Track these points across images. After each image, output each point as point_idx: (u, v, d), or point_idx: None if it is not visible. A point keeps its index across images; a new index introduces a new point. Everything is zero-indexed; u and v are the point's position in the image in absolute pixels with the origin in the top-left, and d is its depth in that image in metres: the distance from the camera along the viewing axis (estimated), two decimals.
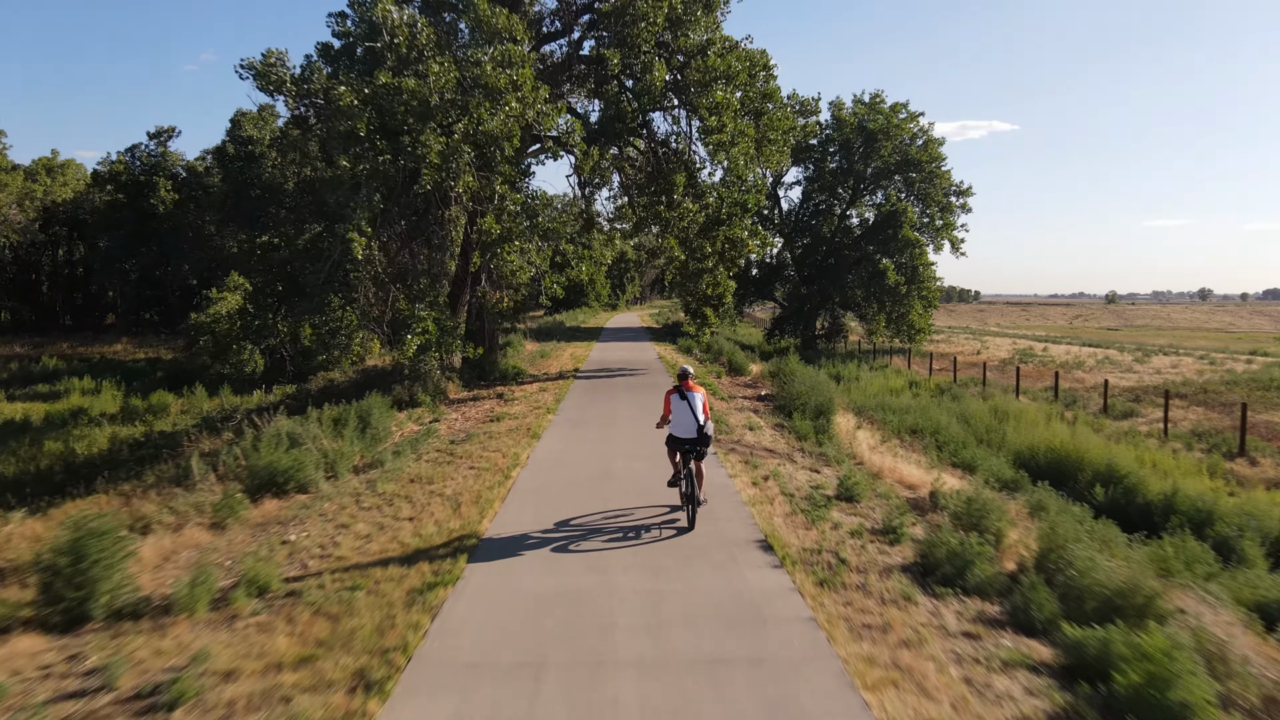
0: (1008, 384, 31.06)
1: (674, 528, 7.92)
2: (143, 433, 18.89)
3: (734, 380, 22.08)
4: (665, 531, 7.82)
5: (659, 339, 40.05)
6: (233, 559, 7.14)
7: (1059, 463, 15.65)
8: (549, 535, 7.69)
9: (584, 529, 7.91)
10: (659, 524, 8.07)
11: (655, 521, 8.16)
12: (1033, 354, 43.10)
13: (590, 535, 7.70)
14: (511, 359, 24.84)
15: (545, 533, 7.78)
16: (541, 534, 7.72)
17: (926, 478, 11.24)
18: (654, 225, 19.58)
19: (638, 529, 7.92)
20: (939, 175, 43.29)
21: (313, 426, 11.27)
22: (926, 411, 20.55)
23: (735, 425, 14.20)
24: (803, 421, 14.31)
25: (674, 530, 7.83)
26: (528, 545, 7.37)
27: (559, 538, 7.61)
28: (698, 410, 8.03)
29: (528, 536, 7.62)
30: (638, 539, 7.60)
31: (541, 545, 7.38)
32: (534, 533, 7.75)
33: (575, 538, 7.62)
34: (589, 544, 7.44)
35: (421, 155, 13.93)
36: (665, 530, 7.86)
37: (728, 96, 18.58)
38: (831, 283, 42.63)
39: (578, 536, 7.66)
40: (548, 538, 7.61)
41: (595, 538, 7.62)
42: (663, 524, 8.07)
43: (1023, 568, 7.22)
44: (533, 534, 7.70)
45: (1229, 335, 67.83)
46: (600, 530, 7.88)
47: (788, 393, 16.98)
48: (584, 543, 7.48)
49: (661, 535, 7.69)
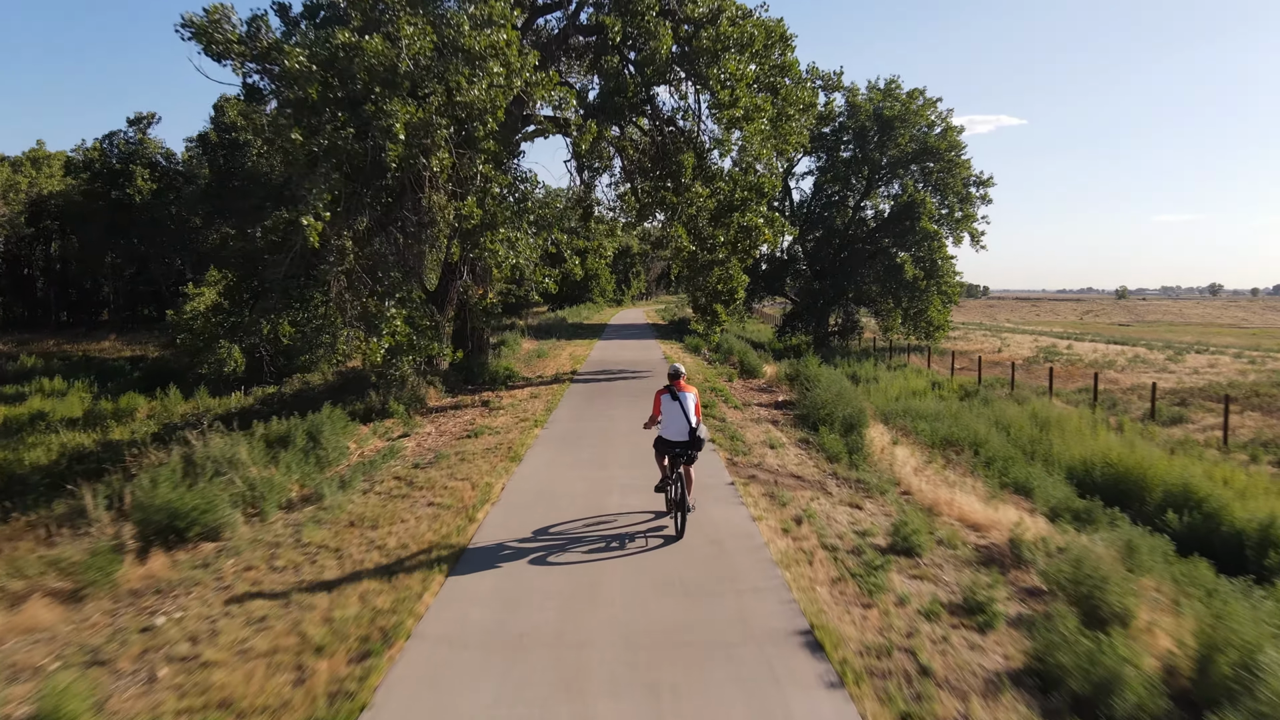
0: (1037, 385, 28.78)
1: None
2: (95, 441, 16.89)
3: (747, 384, 19.88)
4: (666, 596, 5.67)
5: (665, 337, 37.83)
6: (62, 659, 5.02)
7: (1119, 481, 13.39)
8: (515, 625, 5.51)
9: (566, 614, 5.72)
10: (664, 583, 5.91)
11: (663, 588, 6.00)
12: (1057, 352, 40.69)
13: (572, 627, 5.51)
14: (505, 360, 22.69)
15: (510, 617, 5.61)
16: (502, 621, 5.54)
17: (992, 514, 9.03)
18: (659, 212, 17.33)
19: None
20: (958, 164, 40.82)
21: (242, 449, 9.14)
22: (960, 419, 18.26)
23: (754, 442, 12.01)
24: (831, 437, 12.11)
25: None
26: (483, 642, 5.21)
27: (528, 630, 5.42)
28: (690, 411, 7.45)
29: (485, 628, 5.43)
30: (638, 644, 5.31)
31: (502, 647, 5.19)
32: (493, 620, 5.56)
33: (549, 637, 5.34)
34: (568, 650, 5.11)
35: (386, 128, 11.77)
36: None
37: (741, 67, 16.32)
38: (845, 277, 40.29)
39: (553, 633, 5.42)
40: (512, 628, 5.43)
41: (579, 633, 5.42)
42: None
43: (1171, 670, 5.06)
44: (492, 623, 5.51)
45: (1245, 331, 65.09)
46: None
47: (810, 401, 14.79)
48: (561, 647, 5.16)
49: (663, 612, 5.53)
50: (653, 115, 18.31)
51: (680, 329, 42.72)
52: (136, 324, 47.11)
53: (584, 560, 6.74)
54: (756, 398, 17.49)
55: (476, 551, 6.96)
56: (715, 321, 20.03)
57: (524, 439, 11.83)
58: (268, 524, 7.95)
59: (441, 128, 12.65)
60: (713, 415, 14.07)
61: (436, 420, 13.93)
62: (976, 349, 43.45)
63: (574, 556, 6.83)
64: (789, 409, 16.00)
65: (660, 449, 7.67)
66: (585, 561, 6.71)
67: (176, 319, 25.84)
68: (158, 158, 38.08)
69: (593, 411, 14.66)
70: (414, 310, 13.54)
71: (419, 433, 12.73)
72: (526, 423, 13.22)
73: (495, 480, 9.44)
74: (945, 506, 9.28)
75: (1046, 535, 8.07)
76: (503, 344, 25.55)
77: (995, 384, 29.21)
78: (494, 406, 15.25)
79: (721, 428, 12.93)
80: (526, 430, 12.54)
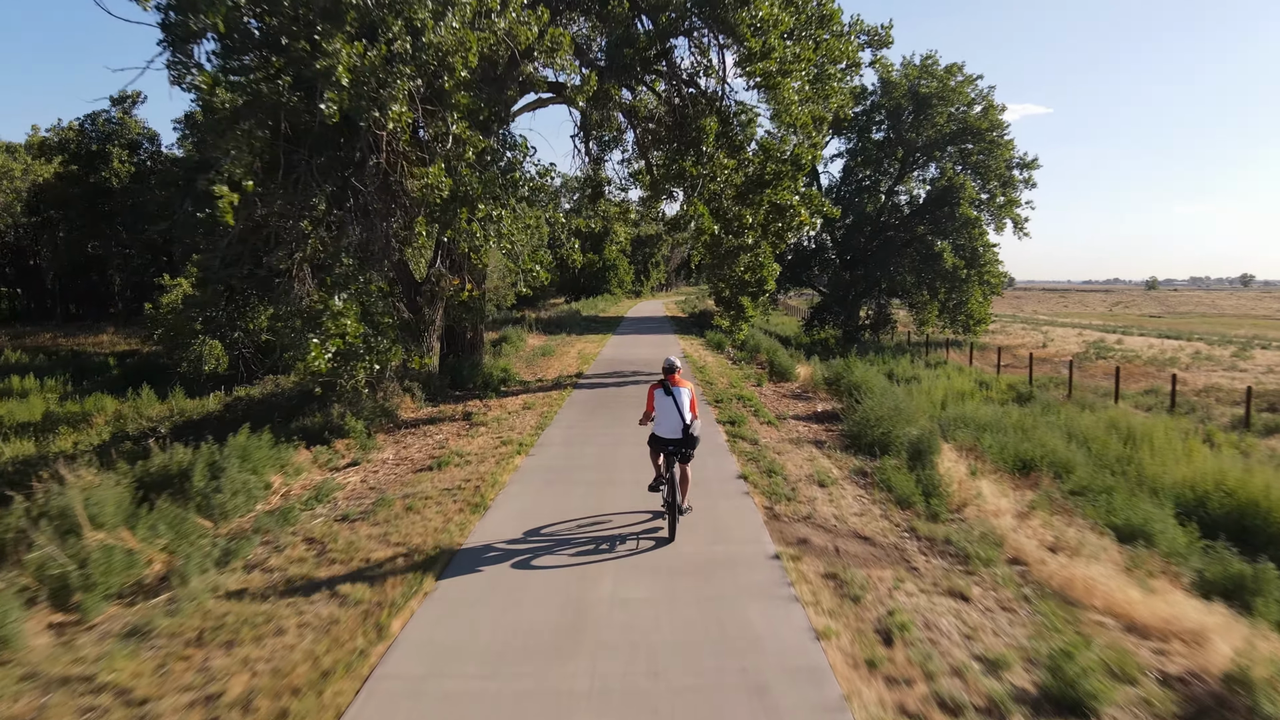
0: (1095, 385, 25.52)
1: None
2: (15, 457, 14.39)
3: (779, 388, 16.91)
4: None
5: (684, 331, 34.84)
6: None
7: (1243, 514, 10.31)
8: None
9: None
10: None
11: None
12: (1108, 348, 37.09)
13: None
14: (504, 359, 19.93)
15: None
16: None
17: (1160, 609, 6.07)
18: (677, 187, 14.37)
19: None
20: (1000, 145, 37.19)
21: (74, 501, 6.39)
22: (1030, 431, 15.13)
23: (798, 477, 9.10)
24: (901, 475, 9.15)
25: None
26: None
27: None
28: (684, 407, 6.95)
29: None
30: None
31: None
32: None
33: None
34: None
35: (325, 70, 8.98)
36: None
37: (775, 11, 13.26)
38: (878, 267, 36.95)
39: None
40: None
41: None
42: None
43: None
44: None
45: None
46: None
47: (861, 416, 11.83)
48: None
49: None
50: (669, 74, 15.31)
51: (701, 322, 39.67)
52: (139, 317, 45.15)
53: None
54: (791, 407, 14.56)
55: (373, 709, 4.15)
56: (742, 316, 17.05)
57: (499, 473, 9.02)
58: (83, 629, 5.23)
59: (404, 77, 9.82)
60: (742, 436, 11.18)
61: (402, 440, 11.18)
62: (1017, 344, 39.96)
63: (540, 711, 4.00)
64: (832, 422, 13.05)
65: (654, 447, 7.14)
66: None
67: (153, 312, 23.41)
68: (139, 139, 35.50)
69: (594, 429, 11.82)
70: (374, 305, 10.76)
71: (372, 460, 9.97)
72: (509, 447, 10.40)
73: (445, 543, 6.64)
74: (1084, 592, 6.32)
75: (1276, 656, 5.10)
76: (504, 340, 22.76)
77: (1048, 384, 25.95)
78: (477, 421, 12.47)
79: (755, 455, 10.03)
80: (505, 459, 9.71)
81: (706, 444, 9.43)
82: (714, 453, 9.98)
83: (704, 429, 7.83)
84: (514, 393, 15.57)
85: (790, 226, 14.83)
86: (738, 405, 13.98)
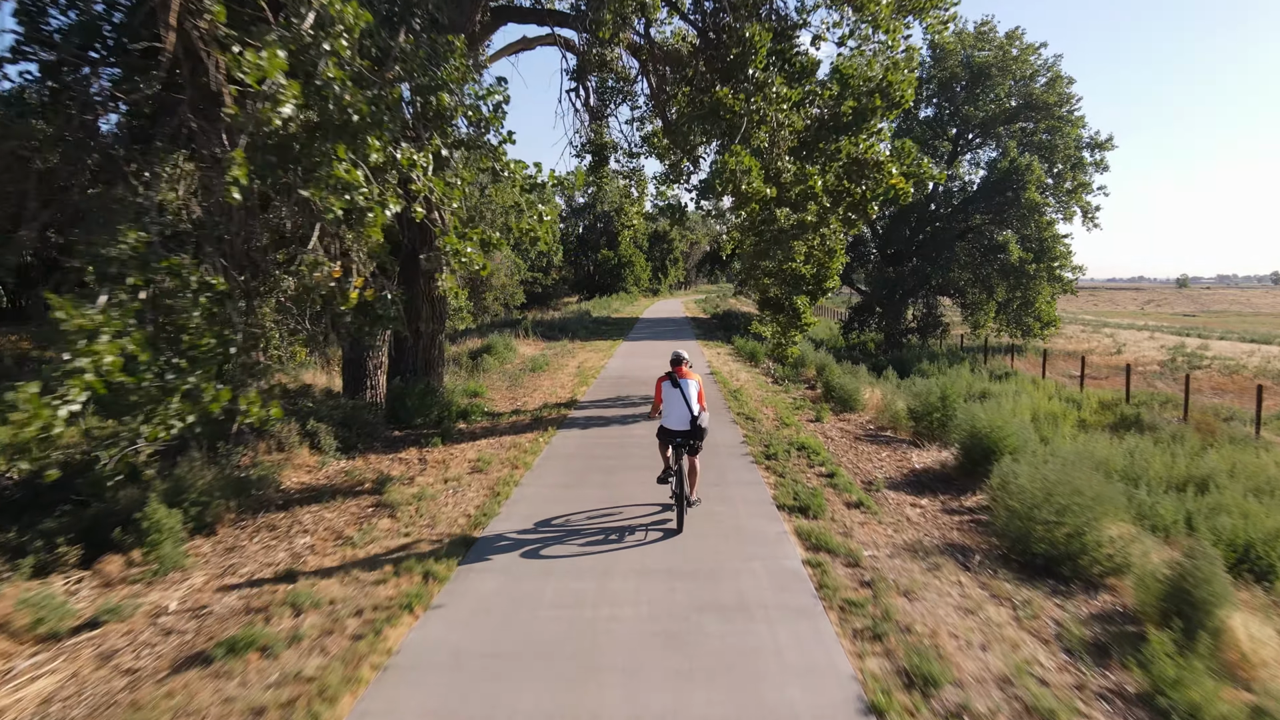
0: (1209, 402, 20.24)
1: None
2: None
3: (843, 422, 11.87)
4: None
5: (707, 335, 29.73)
6: None
7: None
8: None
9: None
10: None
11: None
12: (1195, 354, 31.34)
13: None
14: (481, 378, 15.08)
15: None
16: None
17: None
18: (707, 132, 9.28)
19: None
20: (1069, 122, 31.63)
21: None
22: (1220, 485, 9.80)
23: (979, 688, 4.06)
24: (1178, 664, 4.08)
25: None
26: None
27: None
28: (691, 399, 6.64)
29: None
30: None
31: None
32: None
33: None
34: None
35: None
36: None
37: None
38: (929, 262, 31.58)
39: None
40: None
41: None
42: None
43: None
44: None
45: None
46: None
47: (1024, 509, 6.66)
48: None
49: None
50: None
51: (726, 325, 34.51)
52: None
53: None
54: (875, 460, 9.50)
55: None
56: (796, 324, 11.92)
57: (359, 665, 4.14)
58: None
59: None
60: (829, 547, 6.14)
61: (243, 545, 6.35)
62: (1084, 349, 34.29)
63: None
64: (950, 492, 8.00)
65: (663, 438, 6.83)
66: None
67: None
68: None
69: (576, 514, 6.92)
70: (189, 313, 5.91)
71: (144, 606, 5.14)
72: (410, 570, 5.53)
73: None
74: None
75: None
76: (488, 351, 17.87)
77: (1149, 400, 20.52)
78: (390, 497, 7.60)
79: (866, 606, 4.99)
80: (392, 610, 4.83)
81: (776, 600, 4.54)
82: (788, 615, 4.86)
83: (766, 536, 6.38)
84: (474, 435, 10.69)
85: (875, 195, 9.69)
86: (800, 462, 8.99)
